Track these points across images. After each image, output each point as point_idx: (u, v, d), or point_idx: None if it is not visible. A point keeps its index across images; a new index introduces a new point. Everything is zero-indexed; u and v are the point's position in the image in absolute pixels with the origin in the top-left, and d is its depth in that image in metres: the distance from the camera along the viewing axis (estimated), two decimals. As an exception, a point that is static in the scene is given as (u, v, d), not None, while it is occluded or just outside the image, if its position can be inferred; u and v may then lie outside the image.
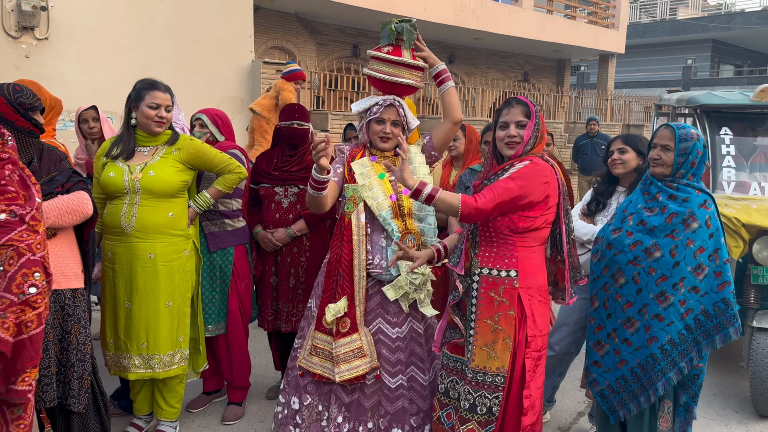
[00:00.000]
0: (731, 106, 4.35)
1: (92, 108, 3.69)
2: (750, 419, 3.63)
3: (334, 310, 2.63)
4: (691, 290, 2.37)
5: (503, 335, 2.32)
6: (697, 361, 2.41)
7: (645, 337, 2.43)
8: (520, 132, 2.35)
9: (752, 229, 3.60)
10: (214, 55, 8.42)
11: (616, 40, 16.63)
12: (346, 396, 2.69)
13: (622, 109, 17.05)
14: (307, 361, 2.71)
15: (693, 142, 2.45)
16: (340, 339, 2.63)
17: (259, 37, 11.38)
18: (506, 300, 2.33)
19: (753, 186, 4.14)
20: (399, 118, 2.72)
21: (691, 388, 2.47)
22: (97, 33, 7.40)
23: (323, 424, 2.73)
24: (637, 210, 2.50)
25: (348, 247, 2.67)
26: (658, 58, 28.52)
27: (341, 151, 2.86)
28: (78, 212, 2.48)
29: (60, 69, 7.07)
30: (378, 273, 2.67)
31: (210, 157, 2.96)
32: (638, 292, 2.44)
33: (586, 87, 22.83)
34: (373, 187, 2.68)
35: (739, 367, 4.41)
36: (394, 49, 2.71)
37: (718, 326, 2.37)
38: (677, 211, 2.39)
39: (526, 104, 2.38)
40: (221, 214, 3.28)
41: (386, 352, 2.67)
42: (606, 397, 2.60)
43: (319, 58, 12.86)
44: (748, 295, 3.74)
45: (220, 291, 3.28)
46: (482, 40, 14.69)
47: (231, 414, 3.40)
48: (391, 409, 2.66)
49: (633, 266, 2.44)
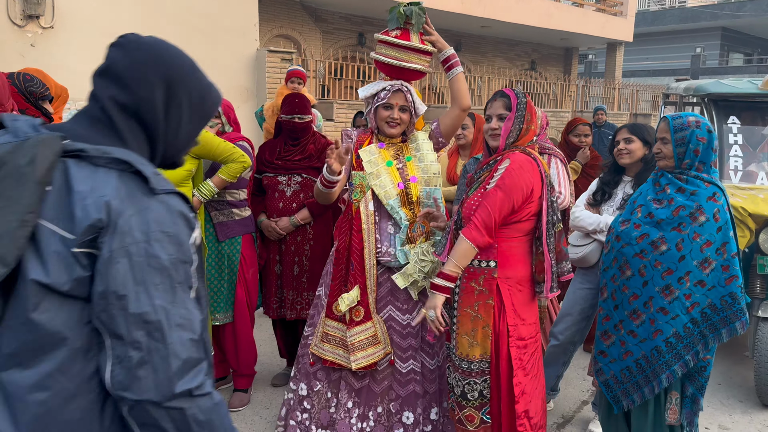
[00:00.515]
0: (739, 94, 4.31)
1: None
2: (754, 409, 3.63)
3: (348, 299, 2.63)
4: (697, 284, 2.35)
5: (482, 323, 2.38)
6: (703, 353, 2.39)
7: (650, 329, 2.42)
8: (501, 124, 2.43)
9: (759, 218, 3.58)
10: (218, 44, 8.41)
11: (625, 28, 16.49)
12: (356, 382, 2.71)
13: (630, 98, 16.95)
14: (318, 348, 2.72)
15: (690, 130, 2.40)
16: (354, 327, 2.63)
17: (264, 25, 11.35)
18: (485, 289, 2.38)
19: (760, 175, 4.11)
20: (407, 104, 2.69)
21: (698, 380, 2.46)
22: (102, 21, 7.40)
23: (332, 411, 2.74)
24: (646, 202, 2.48)
25: (358, 236, 2.66)
26: (666, 46, 28.29)
27: (348, 136, 2.84)
28: None
29: (65, 57, 7.09)
30: (387, 260, 2.67)
31: (214, 146, 2.96)
32: (644, 284, 2.42)
33: (594, 75, 22.68)
34: (380, 175, 2.67)
35: (743, 357, 4.40)
36: (403, 32, 2.66)
37: (725, 320, 2.34)
38: (684, 204, 2.36)
39: (508, 97, 2.44)
40: (229, 204, 3.30)
41: (397, 338, 2.68)
42: (611, 387, 2.61)
43: (324, 47, 12.82)
44: (754, 285, 3.72)
45: (228, 279, 3.31)
46: (489, 28, 14.60)
47: (237, 400, 3.43)
48: (402, 393, 2.69)
49: (639, 259, 2.43)
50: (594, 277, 3.16)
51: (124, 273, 1.04)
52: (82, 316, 1.06)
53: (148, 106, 1.17)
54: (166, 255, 1.07)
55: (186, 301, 1.10)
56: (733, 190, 3.82)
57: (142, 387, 1.04)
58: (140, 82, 1.17)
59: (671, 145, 2.43)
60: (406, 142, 2.77)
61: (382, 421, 2.69)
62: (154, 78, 1.18)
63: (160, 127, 1.20)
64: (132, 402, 1.05)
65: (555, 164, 3.59)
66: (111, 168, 1.08)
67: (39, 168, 1.03)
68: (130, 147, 1.15)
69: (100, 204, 1.04)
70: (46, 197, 1.04)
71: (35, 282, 1.03)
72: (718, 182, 2.41)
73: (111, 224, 1.04)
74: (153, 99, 1.17)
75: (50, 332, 1.05)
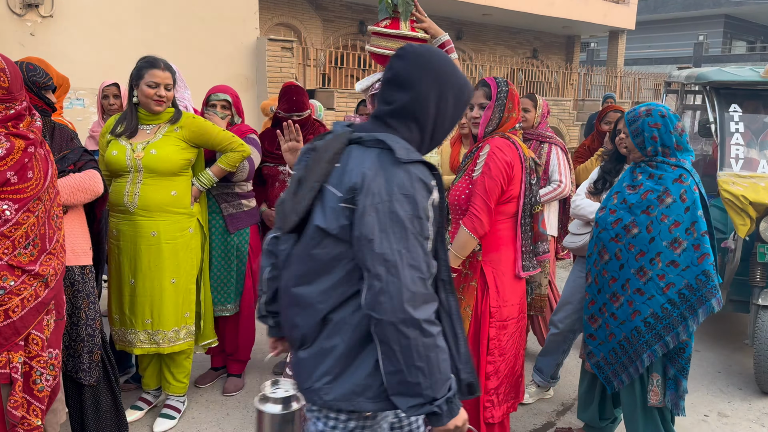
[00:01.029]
0: (741, 82, 4.29)
1: (114, 85, 3.75)
2: (753, 396, 3.65)
3: None
4: (669, 264, 2.40)
5: (464, 304, 2.49)
6: (683, 336, 2.44)
7: (628, 311, 2.50)
8: (482, 113, 2.55)
9: (759, 207, 3.57)
10: (219, 33, 8.37)
11: (627, 16, 16.38)
12: None
13: (632, 86, 16.86)
14: None
15: (641, 119, 2.48)
16: None
17: (264, 13, 11.29)
18: (470, 272, 2.50)
19: (762, 163, 4.10)
20: None
21: (679, 362, 2.51)
22: (102, 10, 7.37)
23: None
24: (622, 188, 2.57)
25: None
26: (669, 34, 28.12)
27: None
28: (89, 190, 2.51)
29: (65, 47, 7.06)
30: None
31: (212, 135, 2.95)
32: (620, 267, 2.51)
33: (596, 64, 22.55)
34: None
35: (743, 344, 4.42)
36: (392, 22, 2.67)
37: (701, 299, 2.40)
38: (652, 188, 2.44)
39: (489, 86, 2.55)
40: (238, 196, 3.31)
41: None
42: (602, 369, 2.69)
43: (325, 35, 12.75)
44: (754, 273, 3.72)
45: (237, 271, 3.33)
46: (491, 16, 14.51)
47: (232, 385, 3.47)
48: None
49: (615, 243, 2.52)
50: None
51: (372, 223, 1.42)
52: (346, 254, 1.48)
53: (422, 104, 1.54)
54: (403, 211, 1.42)
55: (417, 247, 1.43)
56: (734, 178, 3.82)
57: (382, 309, 1.39)
58: (418, 86, 1.53)
59: (630, 137, 2.54)
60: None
61: None
62: (429, 81, 1.54)
63: (431, 119, 1.56)
64: (375, 320, 1.41)
65: (555, 153, 3.59)
66: (374, 148, 1.50)
67: (330, 153, 1.52)
68: (399, 134, 1.54)
69: (360, 173, 1.45)
70: (334, 171, 1.51)
71: (317, 227, 1.50)
72: (685, 165, 2.46)
73: (365, 187, 1.44)
74: (427, 98, 1.53)
75: (324, 262, 1.51)
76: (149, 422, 3.11)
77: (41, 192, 2.09)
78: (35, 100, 2.43)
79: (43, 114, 2.46)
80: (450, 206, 2.50)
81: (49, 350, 2.17)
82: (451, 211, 2.53)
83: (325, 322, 1.52)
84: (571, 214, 3.25)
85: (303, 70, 10.39)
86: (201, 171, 3.05)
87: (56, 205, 2.21)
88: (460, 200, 2.50)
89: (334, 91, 9.79)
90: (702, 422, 3.34)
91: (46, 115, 2.49)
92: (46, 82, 2.47)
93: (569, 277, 3.30)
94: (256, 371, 3.72)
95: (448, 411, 1.46)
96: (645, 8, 26.18)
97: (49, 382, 2.17)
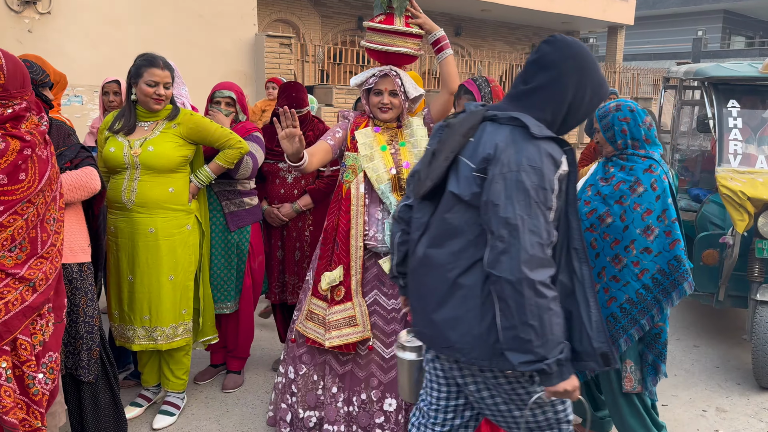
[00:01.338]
0: (739, 78, 4.29)
1: (114, 81, 3.73)
2: (752, 391, 3.66)
3: (329, 278, 2.66)
4: (643, 251, 2.49)
5: None
6: (657, 319, 2.52)
7: (605, 298, 2.56)
8: None
9: (757, 202, 3.57)
10: (217, 29, 8.35)
11: (625, 11, 16.36)
12: (339, 367, 2.72)
13: (631, 81, 16.85)
14: (303, 326, 2.74)
15: (611, 114, 2.57)
16: (334, 306, 2.65)
17: (263, 10, 11.27)
18: None
19: (760, 159, 4.10)
20: (396, 88, 2.67)
21: (656, 347, 2.59)
22: (100, 7, 7.35)
23: (318, 393, 2.76)
24: (595, 181, 2.65)
25: (345, 216, 2.68)
26: (668, 29, 28.09)
27: (345, 117, 2.85)
28: (86, 188, 2.50)
29: (63, 43, 7.05)
30: (374, 245, 2.68)
31: (210, 131, 2.94)
32: (596, 256, 2.58)
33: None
34: (374, 158, 2.67)
35: (741, 340, 4.43)
36: (387, 17, 2.67)
37: (674, 283, 2.49)
38: (624, 179, 2.53)
39: (471, 93, 2.65)
40: (240, 194, 3.30)
41: (381, 322, 2.69)
42: None
43: (323, 31, 12.74)
44: (752, 268, 3.73)
45: (237, 269, 3.33)
46: (489, 12, 14.49)
47: (231, 382, 3.47)
48: (384, 379, 2.69)
49: (590, 233, 2.59)
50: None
51: (500, 190, 1.59)
52: (475, 219, 1.67)
53: (561, 88, 1.69)
54: (530, 181, 1.57)
55: (539, 215, 1.58)
56: (732, 173, 3.82)
57: (501, 268, 1.56)
58: (561, 70, 1.68)
59: (602, 132, 2.62)
60: (402, 127, 2.77)
61: (366, 408, 2.70)
62: (572, 68, 1.69)
63: (566, 104, 1.71)
64: (495, 277, 1.58)
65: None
66: (507, 124, 1.67)
67: (464, 128, 1.73)
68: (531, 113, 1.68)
69: (492, 145, 1.64)
70: (468, 144, 1.72)
71: (451, 193, 1.72)
72: (653, 156, 2.55)
73: (496, 158, 1.62)
74: (567, 83, 1.69)
75: (455, 226, 1.71)
76: (149, 419, 3.12)
77: (33, 195, 2.03)
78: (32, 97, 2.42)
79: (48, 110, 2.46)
80: None
81: (48, 354, 2.14)
82: None
83: (455, 287, 1.70)
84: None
85: (301, 66, 10.38)
86: (200, 167, 3.05)
87: (56, 207, 2.16)
88: None
89: (333, 87, 9.78)
90: (700, 417, 3.35)
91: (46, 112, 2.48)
92: (43, 79, 2.46)
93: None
94: (255, 368, 3.73)
95: (558, 372, 1.58)
96: (644, 4, 26.13)
97: (48, 386, 2.14)
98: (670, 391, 3.62)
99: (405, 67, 2.82)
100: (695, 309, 5.08)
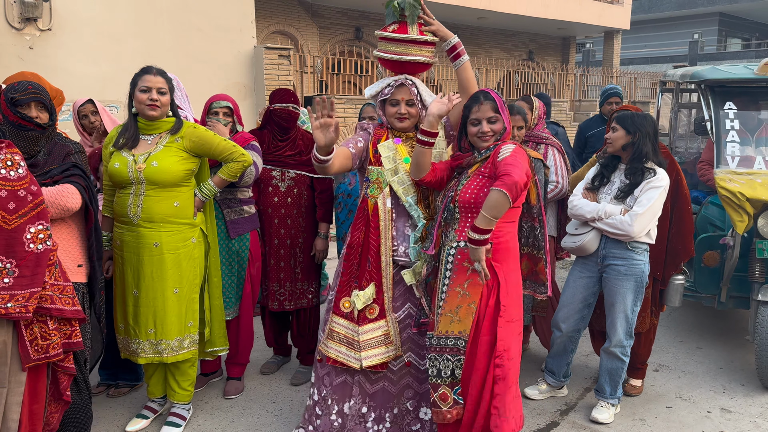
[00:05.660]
0: (735, 80, 4.31)
1: (89, 102, 3.62)
2: (756, 392, 3.67)
3: (364, 297, 2.62)
4: None
5: (468, 300, 2.43)
6: None
7: None
8: (492, 127, 2.51)
9: (757, 203, 3.59)
10: (216, 42, 8.41)
11: (621, 16, 16.44)
12: (370, 386, 2.70)
13: (628, 86, 16.90)
14: (324, 346, 2.72)
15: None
16: (367, 324, 2.62)
17: (261, 22, 11.34)
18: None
19: (758, 160, 4.12)
20: (412, 97, 2.65)
21: None
22: (100, 23, 7.41)
23: (332, 417, 2.76)
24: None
25: (375, 233, 2.64)
26: (664, 33, 28.19)
27: (364, 129, 2.81)
28: (56, 205, 2.42)
29: (64, 60, 7.10)
30: (404, 260, 2.65)
31: (214, 144, 2.96)
32: None
33: (592, 64, 22.59)
34: (398, 171, 2.65)
35: (744, 341, 4.43)
36: (400, 26, 2.63)
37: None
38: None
39: (494, 100, 2.51)
40: (240, 202, 3.35)
41: (416, 335, 2.69)
42: None
43: (321, 42, 12.80)
44: (753, 269, 3.74)
45: (237, 276, 3.37)
46: (486, 19, 14.56)
47: (233, 388, 3.50)
48: (420, 389, 2.69)
49: None
50: (593, 265, 3.19)
51: None
52: None
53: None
54: None
55: None
56: (731, 175, 3.84)
57: None
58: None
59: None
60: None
61: (398, 422, 2.70)
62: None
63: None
64: None
65: (552, 154, 3.62)
66: None
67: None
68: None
69: None
70: None
71: None
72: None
73: None
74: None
75: None
76: (155, 430, 3.13)
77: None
78: (12, 115, 2.38)
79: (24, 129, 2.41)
80: (461, 207, 2.48)
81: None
82: (462, 211, 2.50)
83: None
84: (569, 214, 3.27)
85: (300, 77, 10.43)
86: (205, 180, 3.06)
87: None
88: (473, 199, 2.46)
89: (332, 97, 9.82)
90: (705, 418, 3.35)
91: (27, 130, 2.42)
92: (19, 97, 2.40)
93: (568, 277, 3.32)
94: (254, 375, 3.74)
95: None
96: (639, 8, 26.24)
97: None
98: (675, 393, 3.63)
99: (418, 75, 2.79)
100: (698, 311, 5.08)
